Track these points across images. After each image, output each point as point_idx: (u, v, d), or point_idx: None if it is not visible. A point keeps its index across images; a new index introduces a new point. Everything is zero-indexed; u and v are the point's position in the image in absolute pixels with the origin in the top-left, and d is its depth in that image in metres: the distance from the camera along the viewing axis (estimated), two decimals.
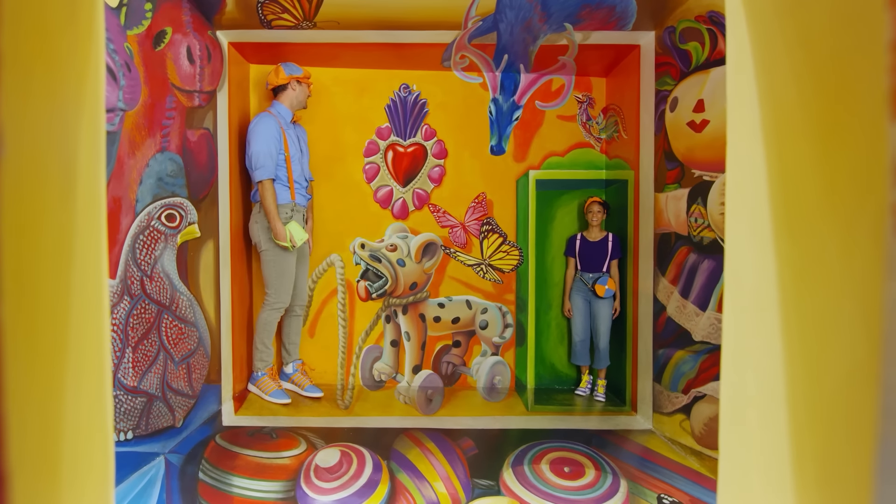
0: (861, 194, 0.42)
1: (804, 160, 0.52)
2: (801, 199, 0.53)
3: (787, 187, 0.55)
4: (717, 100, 2.19)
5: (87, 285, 0.52)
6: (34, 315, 0.41)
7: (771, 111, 0.58)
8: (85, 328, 0.52)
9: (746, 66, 0.61)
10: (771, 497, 0.58)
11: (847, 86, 0.45)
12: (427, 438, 2.43)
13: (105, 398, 0.57)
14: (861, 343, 0.42)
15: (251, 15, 2.63)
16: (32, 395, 0.39)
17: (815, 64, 0.50)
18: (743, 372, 0.64)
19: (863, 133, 0.42)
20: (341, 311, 3.25)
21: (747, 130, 0.61)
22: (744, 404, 0.64)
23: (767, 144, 0.58)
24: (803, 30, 0.52)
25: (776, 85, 0.57)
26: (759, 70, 0.59)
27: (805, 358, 0.53)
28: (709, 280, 2.25)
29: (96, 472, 0.55)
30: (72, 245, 0.48)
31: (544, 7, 2.58)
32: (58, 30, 0.46)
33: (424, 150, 3.32)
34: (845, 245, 0.45)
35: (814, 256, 0.51)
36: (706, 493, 1.98)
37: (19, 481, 0.37)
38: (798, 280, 0.54)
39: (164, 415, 2.26)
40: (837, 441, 0.46)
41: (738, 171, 0.64)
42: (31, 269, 0.40)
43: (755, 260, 0.61)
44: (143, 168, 2.15)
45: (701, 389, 2.26)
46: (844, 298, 0.45)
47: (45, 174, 0.43)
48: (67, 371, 0.47)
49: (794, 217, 0.54)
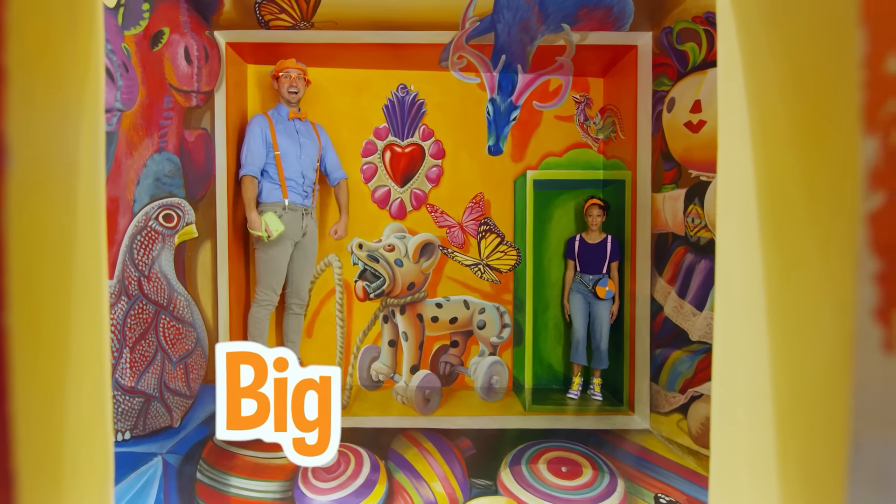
0: (838, 202, 0.43)
1: (789, 167, 0.53)
2: (786, 205, 0.54)
3: (774, 193, 0.56)
4: (714, 100, 2.19)
5: (88, 286, 0.52)
6: (37, 316, 0.41)
7: (759, 119, 0.59)
8: (85, 328, 0.52)
9: (736, 74, 0.62)
10: (758, 496, 0.58)
11: (826, 97, 0.46)
12: (425, 438, 2.44)
13: (105, 398, 0.57)
14: (837, 345, 0.43)
15: (249, 15, 2.63)
16: (35, 395, 0.40)
17: (798, 75, 0.51)
18: (733, 372, 0.65)
19: (840, 144, 0.43)
20: (339, 312, 3.25)
21: (737, 137, 0.62)
22: (733, 404, 0.65)
23: (756, 151, 0.59)
24: (787, 41, 0.52)
25: (764, 93, 0.58)
26: (748, 78, 0.60)
27: (788, 359, 0.54)
28: (706, 280, 2.26)
29: (97, 472, 0.56)
30: (73, 246, 0.49)
31: (542, 8, 2.59)
32: (59, 34, 0.46)
33: (422, 151, 3.32)
34: (825, 251, 0.46)
35: (797, 261, 0.52)
36: (703, 493, 1.98)
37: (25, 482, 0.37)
38: (783, 283, 0.55)
39: (161, 415, 2.26)
40: (817, 441, 0.47)
41: (729, 175, 0.65)
42: (34, 271, 0.41)
43: (744, 263, 0.62)
44: (140, 168, 2.15)
45: (698, 389, 2.27)
46: (824, 302, 0.46)
47: (48, 177, 0.44)
48: (69, 371, 0.48)
49: (780, 222, 0.55)
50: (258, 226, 2.72)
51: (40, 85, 0.42)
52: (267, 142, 2.80)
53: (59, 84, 0.47)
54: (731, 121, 0.64)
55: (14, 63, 0.36)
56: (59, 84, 0.47)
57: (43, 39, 0.43)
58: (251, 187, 2.78)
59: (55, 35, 0.46)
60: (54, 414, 0.45)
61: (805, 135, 0.50)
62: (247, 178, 2.78)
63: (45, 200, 0.44)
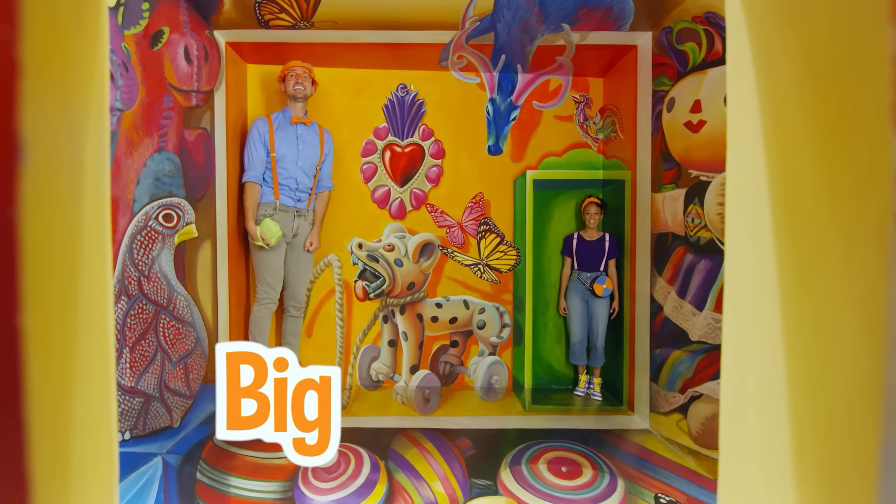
0: (863, 202, 0.43)
1: (805, 165, 0.52)
2: (802, 203, 0.53)
3: (789, 191, 0.56)
4: (714, 100, 2.20)
5: (94, 286, 0.52)
6: (48, 317, 0.41)
7: (772, 116, 0.58)
8: (91, 328, 0.52)
9: (747, 70, 0.61)
10: (772, 496, 0.58)
11: (848, 95, 0.45)
12: (425, 438, 2.43)
13: (110, 398, 0.57)
14: (863, 346, 0.42)
15: (248, 15, 2.62)
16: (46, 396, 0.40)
17: (816, 72, 0.50)
18: (743, 372, 0.65)
19: (864, 142, 0.42)
20: (339, 312, 3.24)
21: (748, 134, 0.61)
22: (744, 404, 0.64)
23: (768, 148, 0.59)
24: (804, 38, 0.52)
25: (777, 90, 0.57)
26: (759, 75, 0.60)
27: (806, 359, 0.53)
28: (706, 280, 2.26)
29: (102, 472, 0.55)
30: (80, 246, 0.49)
31: (542, 7, 2.59)
32: (67, 36, 0.46)
33: (422, 150, 3.32)
34: (846, 250, 0.45)
35: (814, 260, 0.51)
36: (703, 493, 1.99)
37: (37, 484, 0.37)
38: (799, 282, 0.54)
39: (161, 415, 2.25)
40: (840, 442, 0.47)
41: (739, 173, 0.64)
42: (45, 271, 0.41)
43: (755, 262, 0.61)
44: (140, 168, 2.14)
45: (698, 389, 2.28)
46: (845, 301, 0.46)
47: (57, 178, 0.43)
48: (77, 372, 0.48)
49: (796, 221, 0.55)
50: (255, 235, 2.77)
51: (50, 84, 0.42)
52: (265, 145, 2.80)
53: (66, 83, 0.47)
54: (741, 118, 0.63)
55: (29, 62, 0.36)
56: (67, 83, 0.47)
57: (51, 38, 0.43)
58: (252, 194, 2.81)
59: (63, 34, 0.45)
60: (64, 414, 0.45)
61: (824, 132, 0.49)
62: (248, 185, 2.82)
63: (55, 200, 0.43)
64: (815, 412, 0.51)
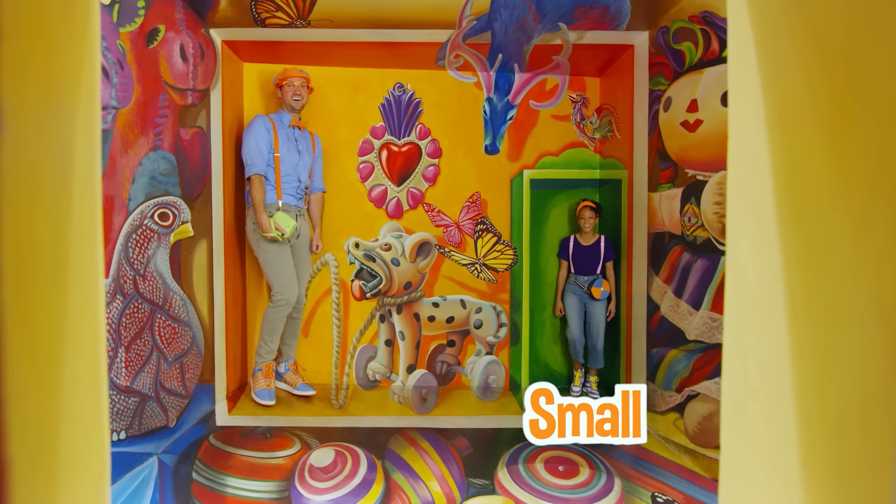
0: (876, 184, 0.42)
1: (813, 150, 0.51)
2: (809, 189, 0.52)
3: (794, 178, 0.55)
4: (711, 100, 2.21)
5: (83, 283, 0.52)
6: (32, 312, 0.40)
7: (775, 103, 0.57)
8: (81, 326, 0.51)
9: (749, 58, 0.61)
10: (777, 491, 0.57)
11: (860, 77, 0.44)
12: (422, 438, 2.43)
13: (101, 396, 0.57)
14: (876, 333, 0.41)
15: (245, 13, 2.61)
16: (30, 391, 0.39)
17: (824, 56, 0.49)
18: (745, 365, 0.64)
19: (877, 123, 0.42)
20: (335, 311, 3.24)
21: (750, 123, 0.60)
22: (746, 397, 0.63)
23: (772, 136, 0.58)
24: (811, 23, 0.51)
25: (781, 77, 0.56)
26: (762, 62, 0.59)
27: (814, 350, 0.52)
28: (702, 279, 2.26)
29: (92, 470, 0.55)
30: (68, 243, 0.48)
31: (538, 7, 2.59)
32: (53, 27, 0.45)
33: (419, 150, 3.32)
34: (858, 234, 0.44)
35: (823, 247, 0.50)
36: (700, 492, 1.99)
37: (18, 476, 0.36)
38: (805, 271, 0.53)
39: (157, 415, 2.24)
40: (852, 437, 0.46)
41: (741, 163, 0.63)
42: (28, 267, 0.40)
43: (758, 253, 0.60)
44: (135, 166, 2.13)
45: (694, 388, 2.28)
46: (857, 288, 0.45)
47: (41, 172, 0.43)
48: (64, 368, 0.47)
49: (802, 208, 0.54)
50: (268, 227, 2.70)
51: (33, 76, 0.42)
52: (270, 143, 2.79)
53: (52, 77, 0.46)
54: (743, 107, 0.62)
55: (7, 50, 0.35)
56: (53, 77, 0.46)
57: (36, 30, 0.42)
58: (261, 187, 2.75)
59: (48, 26, 0.45)
60: (50, 411, 0.45)
61: (833, 116, 0.48)
62: (254, 178, 2.74)
63: (38, 194, 0.43)
64: (824, 405, 0.50)
